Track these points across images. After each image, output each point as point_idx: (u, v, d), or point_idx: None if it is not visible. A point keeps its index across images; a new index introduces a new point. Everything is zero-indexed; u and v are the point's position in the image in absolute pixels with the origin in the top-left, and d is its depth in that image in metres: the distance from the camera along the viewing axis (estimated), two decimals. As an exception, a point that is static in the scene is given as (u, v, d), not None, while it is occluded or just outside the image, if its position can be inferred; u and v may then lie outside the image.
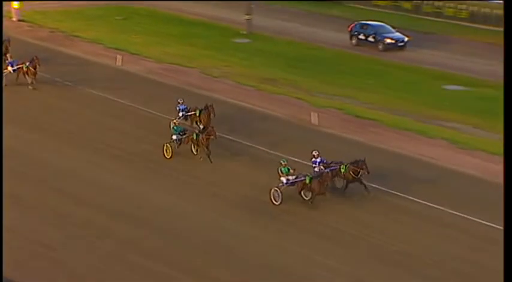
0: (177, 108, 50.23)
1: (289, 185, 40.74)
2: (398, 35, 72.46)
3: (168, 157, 46.55)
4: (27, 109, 54.17)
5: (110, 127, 52.38)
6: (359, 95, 60.73)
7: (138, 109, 54.60)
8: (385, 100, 59.87)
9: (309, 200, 40.74)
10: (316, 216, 39.66)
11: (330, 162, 42.77)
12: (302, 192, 40.82)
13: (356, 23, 74.59)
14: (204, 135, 45.53)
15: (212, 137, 45.32)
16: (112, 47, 68.80)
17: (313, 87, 61.65)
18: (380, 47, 71.22)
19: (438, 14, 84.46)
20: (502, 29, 74.45)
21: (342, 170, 42.07)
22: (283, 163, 41.28)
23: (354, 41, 73.23)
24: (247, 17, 73.67)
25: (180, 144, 46.99)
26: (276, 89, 61.73)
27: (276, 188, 40.23)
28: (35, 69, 54.93)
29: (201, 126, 50.03)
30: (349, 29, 74.71)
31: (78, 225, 38.03)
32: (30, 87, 55.73)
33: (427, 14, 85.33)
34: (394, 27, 73.55)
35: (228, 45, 71.24)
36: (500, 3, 77.14)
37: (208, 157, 45.97)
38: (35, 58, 55.18)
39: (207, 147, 45.84)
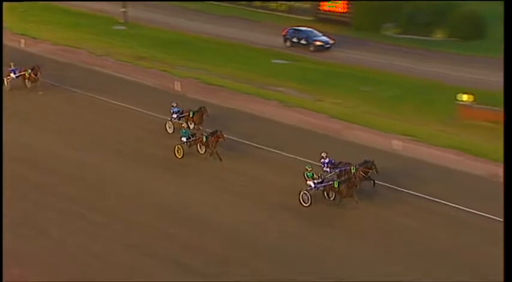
0: (171, 111, 47.24)
1: (317, 189, 38.03)
2: (325, 38, 69.26)
3: (179, 157, 43.37)
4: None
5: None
6: (212, 68, 61.33)
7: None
8: (231, 72, 60.52)
9: (334, 200, 37.94)
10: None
11: (338, 162, 40.41)
12: (325, 193, 38.08)
13: (289, 28, 71.01)
14: (213, 138, 42.73)
15: (221, 139, 42.59)
16: (16, 33, 67.61)
17: (177, 63, 62.13)
18: (311, 48, 68.01)
19: (265, 7, 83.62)
20: (309, 18, 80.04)
21: (353, 171, 39.42)
22: (308, 169, 38.78)
23: (288, 44, 69.81)
24: (123, 9, 73.46)
25: (190, 145, 43.76)
26: (148, 64, 62.15)
27: (305, 191, 37.66)
28: (36, 75, 52.34)
29: (192, 126, 46.75)
30: (284, 33, 70.70)
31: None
32: (28, 87, 53.18)
33: (257, 7, 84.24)
34: (321, 32, 70.08)
35: (109, 31, 71.16)
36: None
37: (217, 154, 42.77)
38: (36, 66, 52.66)
39: (214, 148, 42.82)
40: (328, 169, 39.41)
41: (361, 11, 75.40)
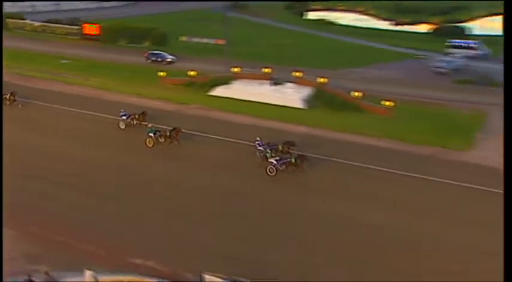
0: (120, 114, 43.40)
1: (279, 164, 35.46)
2: (172, 56, 67.07)
3: (150, 146, 39.71)
4: None
5: None
6: (26, 66, 61.43)
7: None
8: (36, 68, 61.35)
9: (287, 169, 35.60)
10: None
11: (267, 142, 37.98)
12: (279, 166, 35.56)
13: (149, 52, 67.83)
14: (174, 132, 39.55)
15: (179, 132, 39.55)
16: None
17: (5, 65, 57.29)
18: (164, 63, 65.77)
19: (53, 32, 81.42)
20: (78, 37, 79.25)
21: (280, 148, 37.60)
22: (269, 151, 36.85)
23: (149, 61, 66.95)
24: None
25: (157, 138, 39.74)
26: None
27: (271, 166, 35.34)
28: (14, 97, 48.92)
29: (137, 123, 42.99)
30: (146, 55, 67.35)
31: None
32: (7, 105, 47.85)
33: (48, 33, 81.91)
34: (168, 53, 67.80)
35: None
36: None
37: (177, 141, 39.75)
38: (13, 92, 49.07)
39: (176, 139, 39.49)
40: (261, 148, 37.67)
41: (106, 32, 77.45)
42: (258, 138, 37.96)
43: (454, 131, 44.64)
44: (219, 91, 54.08)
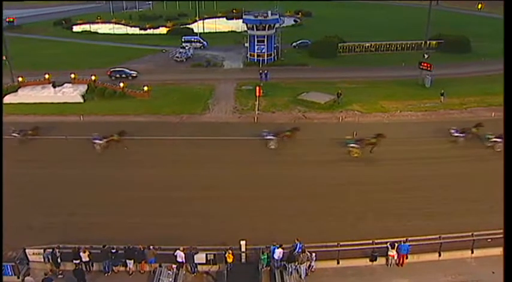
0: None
1: None
2: (134, 72, 54.53)
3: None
4: None
5: None
6: None
7: None
8: None
9: None
10: None
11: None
12: None
13: (111, 69, 54.13)
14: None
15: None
16: None
17: None
18: (129, 78, 53.34)
19: None
20: None
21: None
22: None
23: (113, 78, 52.94)
24: None
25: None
26: None
27: None
28: None
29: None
30: (108, 73, 53.64)
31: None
32: None
33: None
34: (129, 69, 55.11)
35: None
36: None
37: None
38: None
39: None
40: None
41: None
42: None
43: (195, 101, 45.49)
44: (9, 99, 47.50)
